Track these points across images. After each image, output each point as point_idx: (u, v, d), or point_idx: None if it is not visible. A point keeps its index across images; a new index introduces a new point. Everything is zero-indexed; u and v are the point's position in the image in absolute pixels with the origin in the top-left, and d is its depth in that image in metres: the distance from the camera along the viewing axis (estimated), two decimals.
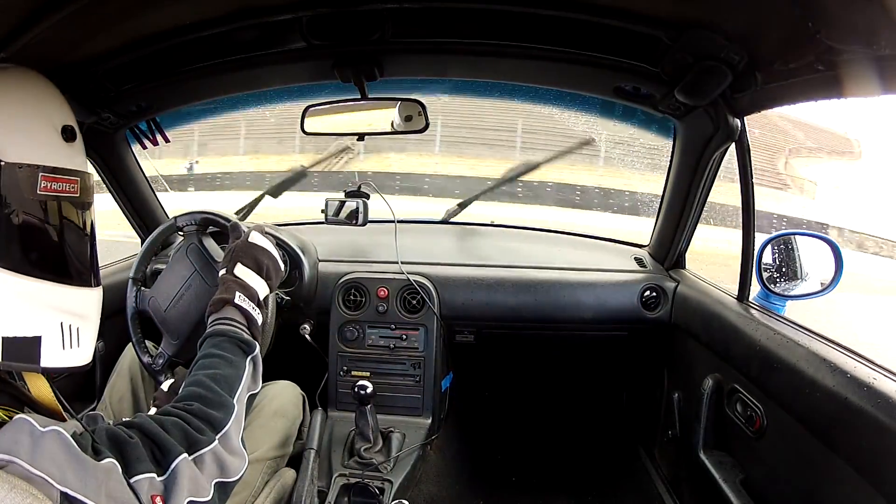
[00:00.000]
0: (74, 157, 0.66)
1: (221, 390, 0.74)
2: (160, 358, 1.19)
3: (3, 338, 0.59)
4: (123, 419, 0.67)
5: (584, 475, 1.83)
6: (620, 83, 1.20)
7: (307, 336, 1.54)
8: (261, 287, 0.95)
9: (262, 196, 1.80)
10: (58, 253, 0.64)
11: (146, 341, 1.23)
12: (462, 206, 1.85)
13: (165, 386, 1.12)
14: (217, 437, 0.69)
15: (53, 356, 0.63)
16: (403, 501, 1.19)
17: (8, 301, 0.59)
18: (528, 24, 1.03)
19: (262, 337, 1.15)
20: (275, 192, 1.81)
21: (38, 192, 0.61)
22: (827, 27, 0.72)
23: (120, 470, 0.56)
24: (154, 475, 0.60)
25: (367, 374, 1.55)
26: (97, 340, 0.74)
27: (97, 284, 0.71)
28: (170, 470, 0.62)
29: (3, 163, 0.58)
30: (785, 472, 0.99)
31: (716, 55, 0.95)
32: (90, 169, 0.70)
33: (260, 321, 0.92)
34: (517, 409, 2.09)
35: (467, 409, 1.93)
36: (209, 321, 0.88)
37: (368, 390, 1.28)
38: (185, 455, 0.63)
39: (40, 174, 0.61)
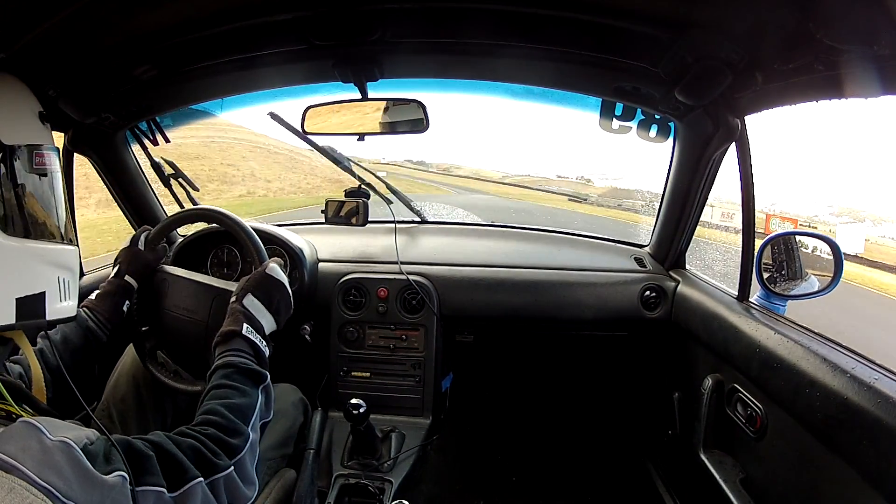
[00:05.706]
0: (50, 137, 0.78)
1: (236, 418, 0.75)
2: (148, 342, 1.16)
3: (16, 299, 0.67)
4: (140, 435, 0.67)
5: (583, 475, 1.83)
6: (620, 83, 1.20)
7: (307, 337, 1.54)
8: (267, 321, 0.94)
9: None
10: (52, 217, 0.75)
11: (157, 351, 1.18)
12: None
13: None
14: (233, 464, 0.70)
15: (54, 309, 0.72)
16: (403, 501, 1.19)
17: (21, 263, 0.68)
18: (528, 24, 1.03)
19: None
20: None
21: (34, 166, 0.72)
22: (827, 27, 0.72)
23: (128, 482, 0.57)
24: (164, 490, 0.61)
25: (367, 374, 1.55)
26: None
27: (77, 243, 0.81)
28: (182, 490, 0.62)
29: (5, 145, 0.68)
30: (785, 472, 0.99)
31: (716, 55, 0.95)
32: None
33: (268, 354, 0.90)
34: (517, 409, 2.09)
35: (467, 410, 1.93)
36: (217, 352, 0.87)
37: (362, 410, 1.22)
38: (201, 479, 0.65)
39: (34, 152, 0.72)
